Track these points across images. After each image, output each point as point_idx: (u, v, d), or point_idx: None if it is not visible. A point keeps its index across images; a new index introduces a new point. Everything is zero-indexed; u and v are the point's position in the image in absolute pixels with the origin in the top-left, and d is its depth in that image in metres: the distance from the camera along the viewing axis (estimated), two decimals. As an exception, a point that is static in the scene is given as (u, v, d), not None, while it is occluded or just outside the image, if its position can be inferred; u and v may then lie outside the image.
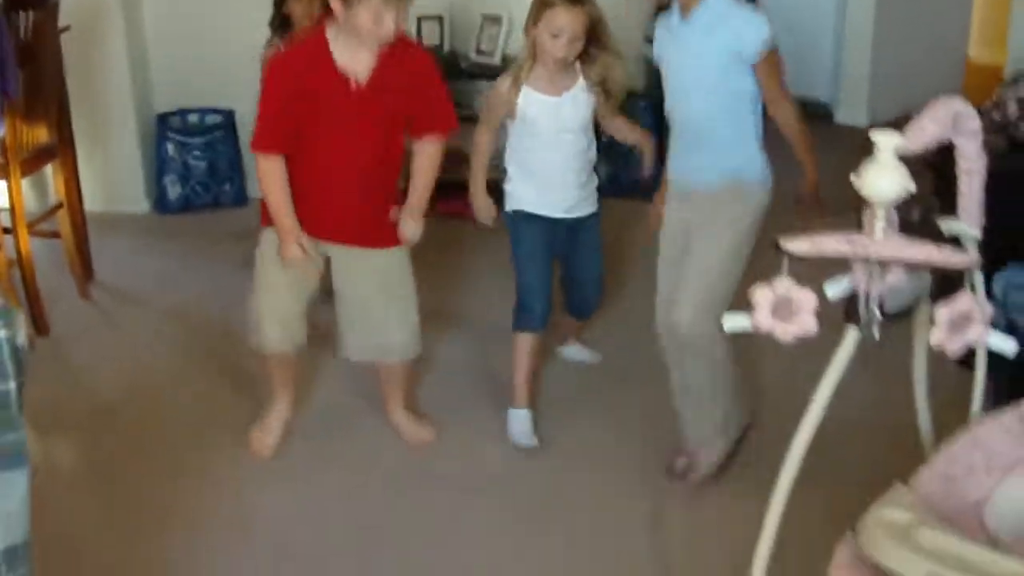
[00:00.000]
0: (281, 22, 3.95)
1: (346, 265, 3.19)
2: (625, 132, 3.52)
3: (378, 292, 3.19)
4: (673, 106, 3.07)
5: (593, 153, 3.42)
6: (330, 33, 2.93)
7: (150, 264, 4.71)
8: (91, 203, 4.69)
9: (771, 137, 3.04)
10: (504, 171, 3.44)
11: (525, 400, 3.41)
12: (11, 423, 1.67)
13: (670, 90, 3.07)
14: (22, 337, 1.68)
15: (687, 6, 2.92)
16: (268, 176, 3.01)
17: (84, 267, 4.43)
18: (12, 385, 1.66)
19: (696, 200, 3.02)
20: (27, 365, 1.69)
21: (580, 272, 3.54)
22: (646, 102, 5.33)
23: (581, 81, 3.30)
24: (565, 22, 3.15)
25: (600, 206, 3.47)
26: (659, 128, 5.24)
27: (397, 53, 2.94)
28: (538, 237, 3.36)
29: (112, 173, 5.24)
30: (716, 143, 2.98)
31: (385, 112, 2.99)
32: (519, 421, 3.39)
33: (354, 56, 2.93)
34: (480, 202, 3.39)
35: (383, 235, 3.15)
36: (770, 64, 2.92)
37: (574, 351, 3.87)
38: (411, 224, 3.13)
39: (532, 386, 3.45)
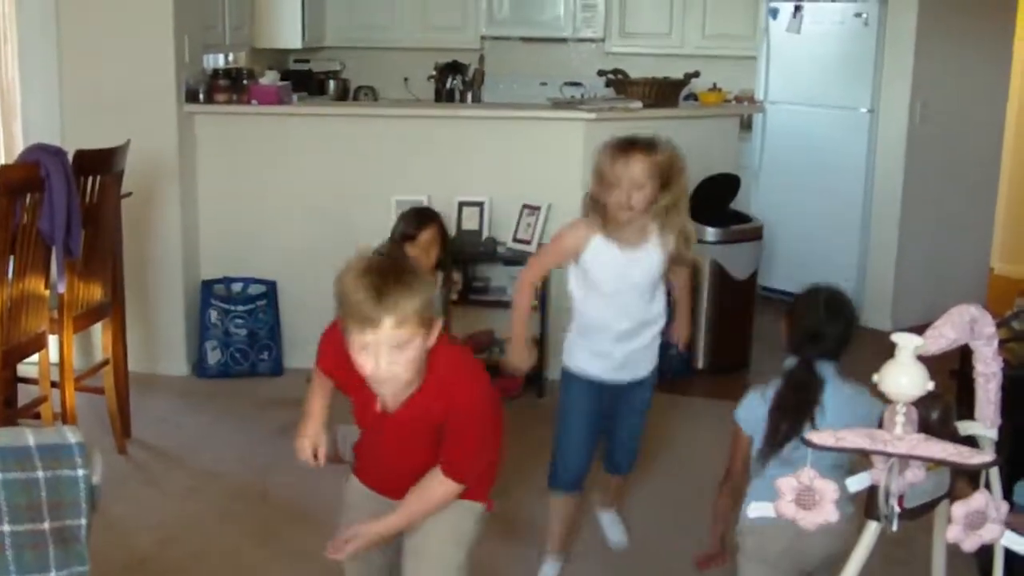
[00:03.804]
0: None
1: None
2: (680, 290, 3.37)
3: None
4: None
5: (660, 312, 3.26)
6: None
7: (186, 425, 4.81)
8: (134, 362, 4.83)
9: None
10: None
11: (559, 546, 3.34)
12: (80, 557, 1.77)
13: None
14: (98, 477, 1.78)
15: None
16: (315, 381, 2.68)
17: (123, 424, 4.53)
18: (84, 522, 1.76)
19: None
20: (98, 504, 1.79)
21: (619, 428, 3.40)
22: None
23: (655, 237, 3.13)
24: (637, 171, 2.99)
25: (656, 369, 3.34)
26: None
27: (443, 387, 2.42)
28: (587, 397, 3.26)
29: (156, 335, 5.40)
30: None
31: (415, 437, 2.50)
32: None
33: None
34: (517, 353, 3.25)
35: None
36: None
37: (609, 520, 3.67)
38: None
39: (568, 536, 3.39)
